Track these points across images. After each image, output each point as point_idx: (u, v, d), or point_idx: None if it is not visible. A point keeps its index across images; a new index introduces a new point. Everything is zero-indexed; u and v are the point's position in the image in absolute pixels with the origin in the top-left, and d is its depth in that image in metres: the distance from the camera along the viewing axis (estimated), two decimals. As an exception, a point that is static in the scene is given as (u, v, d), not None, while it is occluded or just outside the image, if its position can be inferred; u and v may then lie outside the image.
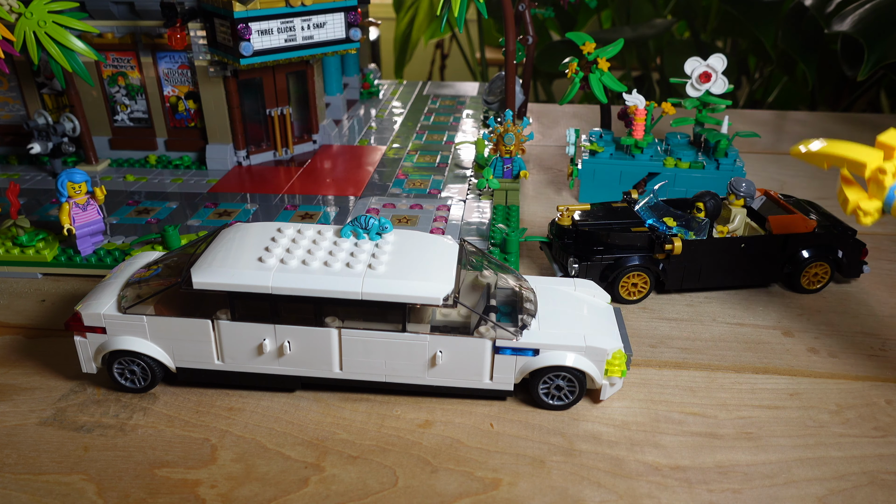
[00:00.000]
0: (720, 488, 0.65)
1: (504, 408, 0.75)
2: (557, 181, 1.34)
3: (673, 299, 0.95)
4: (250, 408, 0.75)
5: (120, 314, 0.73)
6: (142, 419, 0.73)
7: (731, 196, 0.96)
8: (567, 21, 2.34)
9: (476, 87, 1.88)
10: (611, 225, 0.93)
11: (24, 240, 0.97)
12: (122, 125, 1.31)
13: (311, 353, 0.73)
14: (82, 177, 0.93)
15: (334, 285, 0.69)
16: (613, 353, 0.72)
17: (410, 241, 0.76)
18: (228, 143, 1.28)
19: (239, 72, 1.22)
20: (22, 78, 1.27)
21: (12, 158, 1.31)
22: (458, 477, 0.66)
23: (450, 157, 1.35)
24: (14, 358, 0.83)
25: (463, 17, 1.18)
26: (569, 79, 1.18)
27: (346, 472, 0.67)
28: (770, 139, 1.60)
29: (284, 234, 0.76)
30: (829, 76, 2.04)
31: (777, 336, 0.88)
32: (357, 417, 0.74)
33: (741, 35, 2.24)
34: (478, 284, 0.79)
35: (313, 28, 1.19)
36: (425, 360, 0.73)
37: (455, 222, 1.07)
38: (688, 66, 1.13)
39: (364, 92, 1.74)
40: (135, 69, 1.26)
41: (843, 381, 0.80)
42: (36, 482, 0.66)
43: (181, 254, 0.80)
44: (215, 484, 0.65)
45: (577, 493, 0.65)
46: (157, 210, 1.11)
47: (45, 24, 1.06)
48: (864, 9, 1.48)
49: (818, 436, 0.72)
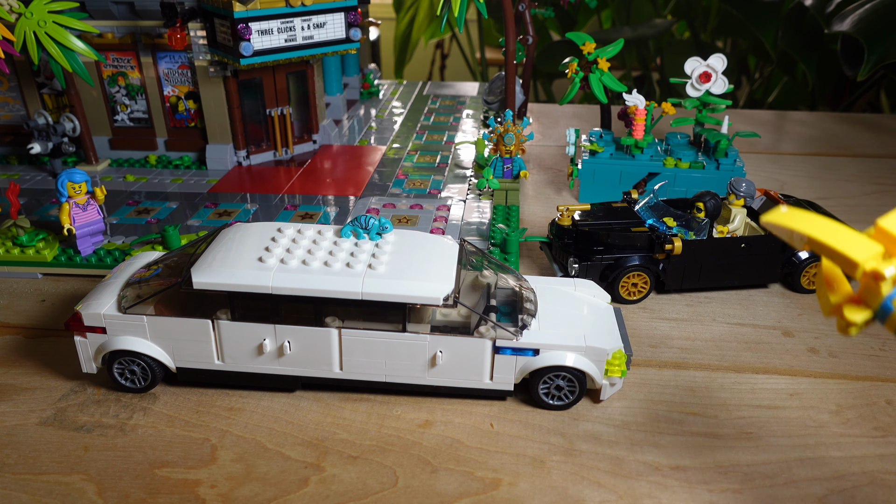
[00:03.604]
0: (720, 488, 0.65)
1: (504, 408, 0.75)
2: (557, 181, 1.34)
3: (673, 299, 0.95)
4: (250, 408, 0.75)
5: (120, 314, 0.73)
6: (142, 419, 0.73)
7: (731, 196, 0.96)
8: (567, 21, 2.34)
9: (476, 87, 1.88)
10: (611, 225, 0.93)
11: (24, 240, 0.97)
12: (122, 125, 1.31)
13: (311, 353, 0.73)
14: (82, 177, 0.93)
15: (334, 285, 0.69)
16: (613, 353, 0.72)
17: (410, 241, 0.76)
18: (228, 143, 1.28)
19: (239, 72, 1.22)
20: (22, 78, 1.27)
21: (12, 158, 1.31)
22: (458, 477, 0.66)
23: (450, 157, 1.35)
24: (14, 358, 0.83)
25: (463, 17, 1.18)
26: (569, 79, 1.18)
27: (346, 472, 0.67)
28: (770, 139, 1.60)
29: (284, 234, 0.76)
30: (829, 76, 2.04)
31: (777, 336, 0.88)
32: (357, 417, 0.74)
33: (741, 35, 2.24)
34: (478, 284, 0.79)
35: (313, 28, 1.19)
36: (425, 360, 0.73)
37: (455, 222, 1.07)
38: (688, 66, 1.13)
39: (364, 92, 1.74)
40: (135, 69, 1.26)
41: (843, 381, 0.80)
42: (36, 482, 0.66)
43: (181, 254, 0.80)
44: (215, 484, 0.65)
45: (577, 493, 0.65)
46: (157, 210, 1.11)
47: (45, 24, 1.06)
48: (864, 9, 1.48)
49: (818, 436, 0.72)
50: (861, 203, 1.27)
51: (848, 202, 1.27)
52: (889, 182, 1.37)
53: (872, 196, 1.30)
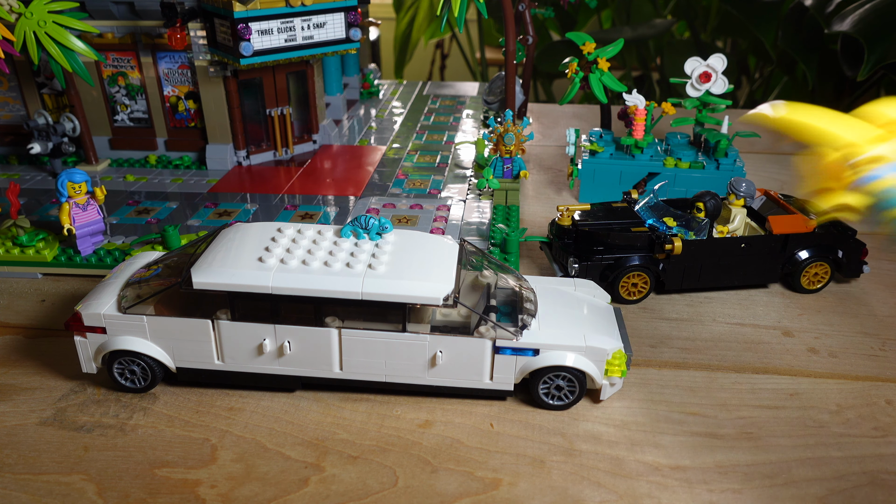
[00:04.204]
0: (720, 488, 0.65)
1: (504, 408, 0.75)
2: (557, 181, 1.34)
3: (673, 299, 0.95)
4: (250, 408, 0.75)
5: (120, 314, 0.73)
6: (142, 419, 0.73)
7: (731, 196, 0.96)
8: (567, 21, 2.34)
9: (476, 87, 1.88)
10: (611, 225, 0.93)
11: (24, 240, 0.97)
12: (122, 125, 1.31)
13: (311, 353, 0.73)
14: (82, 177, 0.93)
15: (334, 285, 0.69)
16: (613, 353, 0.72)
17: (410, 241, 0.76)
18: (228, 143, 1.28)
19: (239, 72, 1.22)
20: (22, 78, 1.27)
21: (12, 158, 1.31)
22: (458, 477, 0.66)
23: (450, 157, 1.35)
24: (14, 358, 0.83)
25: (463, 17, 1.18)
26: (569, 79, 1.18)
27: (346, 472, 0.67)
28: (770, 139, 1.60)
29: (284, 234, 0.76)
30: (829, 76, 2.03)
31: (777, 336, 0.88)
32: (357, 417, 0.74)
33: (741, 35, 2.24)
34: (478, 284, 0.79)
35: (313, 28, 1.19)
36: (425, 360, 0.73)
37: (455, 222, 1.07)
38: (688, 66, 1.13)
39: (364, 92, 1.74)
40: (135, 69, 1.26)
41: (843, 381, 0.80)
42: (36, 482, 0.66)
43: (181, 254, 0.79)
44: (215, 484, 0.65)
45: (577, 493, 0.65)
46: (157, 210, 1.11)
47: (45, 24, 1.06)
48: (864, 9, 1.48)
49: (818, 436, 0.72)
50: (861, 203, 1.27)
51: (848, 202, 1.27)
52: (889, 182, 1.37)
53: (872, 196, 1.30)
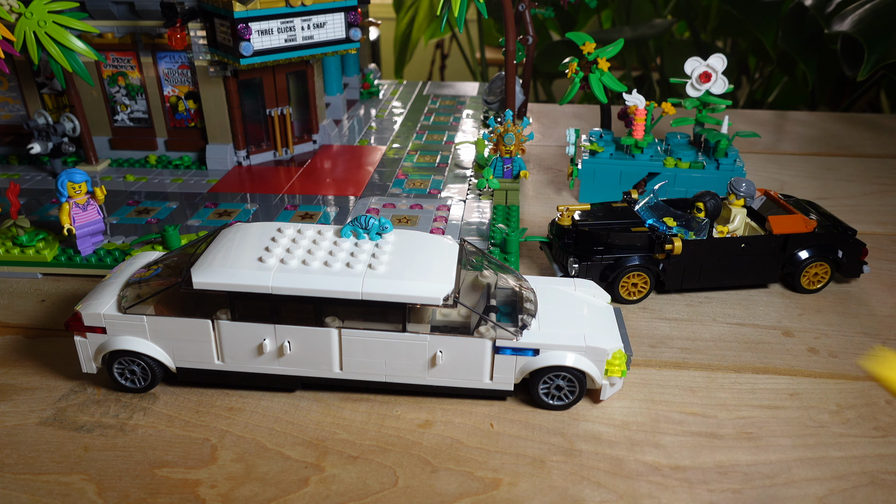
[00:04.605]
0: (720, 488, 0.65)
1: (504, 408, 0.75)
2: (557, 181, 1.34)
3: (673, 299, 0.95)
4: (250, 408, 0.75)
5: (120, 314, 0.73)
6: (142, 419, 0.73)
7: (731, 196, 0.96)
8: (567, 21, 2.34)
9: (476, 87, 1.88)
10: (611, 225, 0.93)
11: (24, 240, 0.97)
12: (122, 125, 1.31)
13: (311, 353, 0.73)
14: (82, 177, 0.93)
15: (334, 285, 0.69)
16: (613, 353, 0.72)
17: (410, 241, 0.76)
18: (228, 143, 1.28)
19: (239, 72, 1.22)
20: (22, 78, 1.27)
21: (12, 158, 1.31)
22: (458, 477, 0.66)
23: (450, 157, 1.35)
24: (14, 358, 0.83)
25: (463, 17, 1.18)
26: (569, 79, 1.18)
27: (346, 472, 0.67)
28: (770, 139, 1.60)
29: (284, 234, 0.76)
30: (829, 76, 2.04)
31: (777, 336, 0.88)
32: (357, 417, 0.74)
33: (741, 35, 2.24)
34: (478, 284, 0.79)
35: (313, 28, 1.19)
36: (425, 360, 0.73)
37: (455, 222, 1.07)
38: (688, 66, 1.13)
39: (364, 92, 1.74)
40: (135, 69, 1.26)
41: (843, 381, 0.80)
42: (36, 482, 0.66)
43: (181, 254, 0.80)
44: (215, 484, 0.65)
45: (577, 493, 0.65)
46: (157, 210, 1.11)
47: (45, 24, 1.06)
48: (864, 9, 1.48)
49: (818, 436, 0.72)
50: (861, 203, 1.27)
51: (848, 202, 1.27)
52: (889, 182, 1.37)
53: (872, 196, 1.30)
